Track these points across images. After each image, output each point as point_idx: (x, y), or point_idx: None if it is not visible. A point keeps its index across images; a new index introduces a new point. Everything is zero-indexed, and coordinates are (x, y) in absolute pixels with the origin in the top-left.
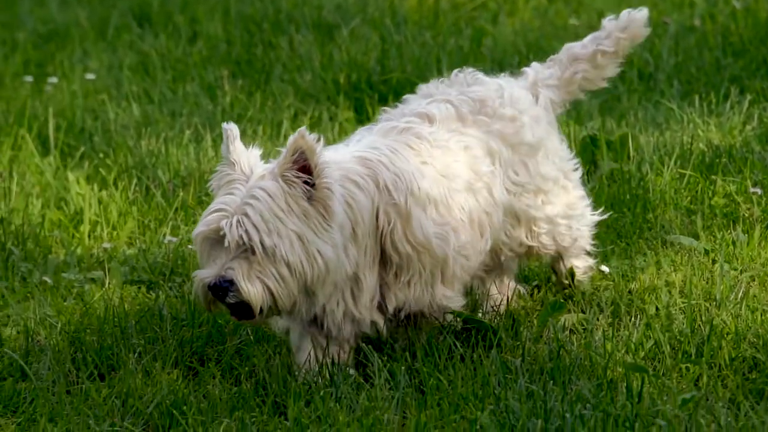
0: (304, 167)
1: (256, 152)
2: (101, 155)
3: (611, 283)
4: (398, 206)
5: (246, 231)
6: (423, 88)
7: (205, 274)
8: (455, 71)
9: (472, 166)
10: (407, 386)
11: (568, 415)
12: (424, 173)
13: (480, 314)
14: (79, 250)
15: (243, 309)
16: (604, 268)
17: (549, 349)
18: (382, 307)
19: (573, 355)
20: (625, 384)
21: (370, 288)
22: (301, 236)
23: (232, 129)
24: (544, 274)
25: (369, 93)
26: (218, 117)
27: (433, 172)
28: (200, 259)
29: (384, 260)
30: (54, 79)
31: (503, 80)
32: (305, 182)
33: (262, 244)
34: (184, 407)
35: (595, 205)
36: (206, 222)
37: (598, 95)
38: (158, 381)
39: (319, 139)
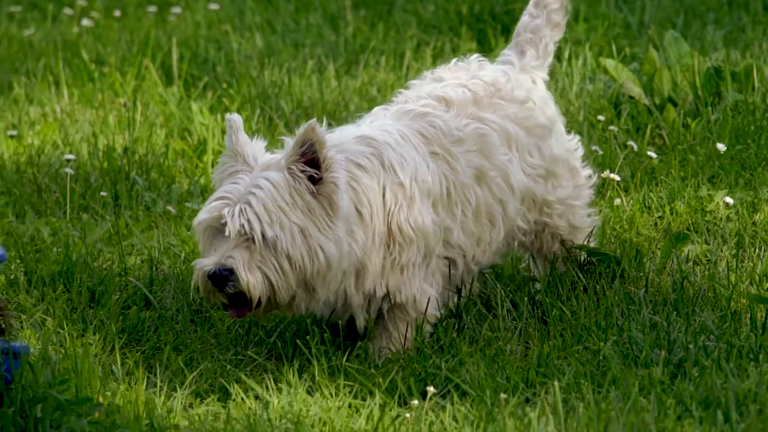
0: (312, 160)
1: (260, 143)
2: (224, 85)
3: (735, 214)
4: (404, 187)
5: (248, 220)
6: (428, 74)
7: (206, 262)
8: (455, 60)
9: (487, 154)
10: (530, 317)
11: (691, 346)
12: (429, 165)
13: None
14: (202, 180)
15: (241, 300)
16: (728, 200)
17: (672, 280)
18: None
19: (696, 287)
20: (749, 315)
21: (376, 271)
22: (303, 230)
23: (235, 120)
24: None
25: (492, 24)
26: (341, 47)
27: (439, 165)
28: (201, 247)
29: (387, 241)
30: (177, 9)
31: (503, 66)
32: (312, 176)
33: (263, 235)
34: (307, 337)
35: (720, 137)
36: (209, 210)
37: (722, 26)
38: None
39: (330, 126)
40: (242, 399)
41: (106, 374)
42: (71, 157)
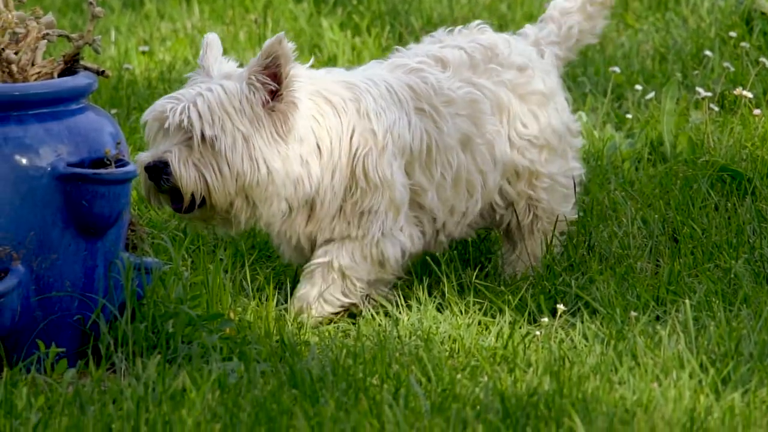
0: (275, 74)
1: (233, 63)
2: (354, 2)
3: None
4: (376, 135)
5: (189, 117)
6: (428, 38)
7: (144, 155)
8: (459, 27)
9: (476, 121)
10: (660, 234)
11: None
12: (411, 122)
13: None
14: None
15: (178, 197)
16: None
17: None
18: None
19: None
20: None
21: (330, 213)
22: (247, 138)
23: (210, 38)
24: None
25: None
26: None
27: (423, 122)
28: (147, 145)
29: (350, 184)
30: None
31: (508, 36)
32: (272, 91)
33: (203, 133)
34: (437, 254)
35: None
36: (154, 106)
37: None
38: None
39: (295, 50)
40: (372, 316)
41: (236, 290)
42: None
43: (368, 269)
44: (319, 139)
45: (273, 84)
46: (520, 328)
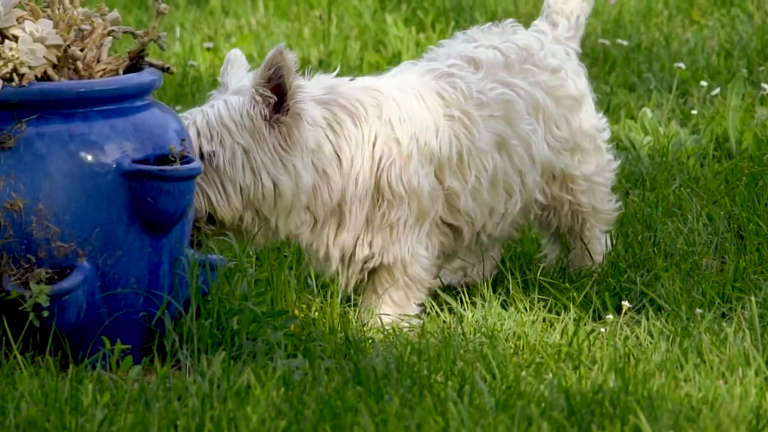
0: (278, 86)
1: (250, 78)
2: None
3: None
4: (400, 144)
5: (187, 134)
6: (460, 35)
7: None
8: (489, 24)
9: (511, 122)
10: (726, 231)
11: None
12: (439, 129)
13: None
14: None
15: None
16: None
17: None
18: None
19: None
20: None
21: (357, 224)
22: (247, 151)
23: (232, 55)
24: None
25: None
26: None
27: (453, 128)
28: None
29: (376, 196)
30: None
31: (537, 34)
32: (277, 104)
33: (201, 149)
34: (502, 251)
35: None
36: None
37: None
38: None
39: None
40: (436, 313)
41: (301, 287)
42: None
43: (411, 298)
44: (338, 148)
45: (273, 96)
46: (585, 325)
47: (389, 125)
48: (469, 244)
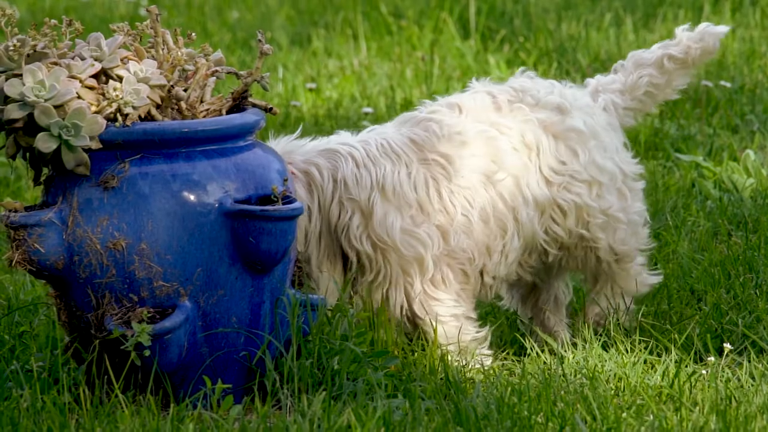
0: None
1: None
2: (521, 39)
3: None
4: (357, 202)
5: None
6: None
7: None
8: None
9: (494, 157)
10: None
11: None
12: (411, 174)
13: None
14: None
15: None
16: None
17: None
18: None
19: None
20: None
21: (328, 286)
22: None
23: None
24: None
25: None
26: (638, 0)
27: (431, 172)
28: None
29: (348, 266)
30: None
31: (556, 82)
32: None
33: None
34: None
35: None
36: None
37: None
38: None
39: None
40: (537, 354)
41: (401, 327)
42: (369, 110)
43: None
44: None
45: None
46: (686, 366)
47: (344, 185)
48: (475, 287)
